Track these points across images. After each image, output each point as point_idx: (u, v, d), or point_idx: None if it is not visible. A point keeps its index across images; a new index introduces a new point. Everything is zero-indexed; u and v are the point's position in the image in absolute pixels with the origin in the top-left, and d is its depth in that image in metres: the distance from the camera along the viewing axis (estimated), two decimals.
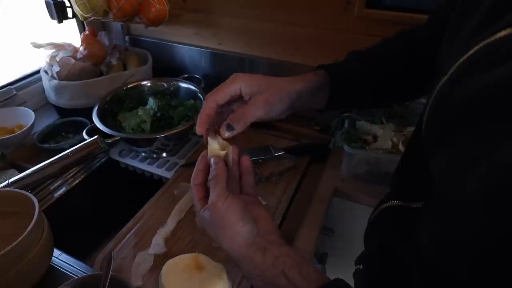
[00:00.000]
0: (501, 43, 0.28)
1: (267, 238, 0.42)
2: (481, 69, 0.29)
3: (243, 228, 0.41)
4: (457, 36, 0.36)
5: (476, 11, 0.34)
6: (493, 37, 0.29)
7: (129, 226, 0.71)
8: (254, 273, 0.41)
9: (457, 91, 0.31)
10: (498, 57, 0.28)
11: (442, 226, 0.31)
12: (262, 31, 1.03)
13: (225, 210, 0.41)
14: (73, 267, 0.64)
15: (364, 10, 0.87)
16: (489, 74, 0.27)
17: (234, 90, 0.47)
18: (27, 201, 0.59)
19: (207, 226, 0.45)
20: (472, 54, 0.31)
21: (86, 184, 0.90)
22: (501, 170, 0.24)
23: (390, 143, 0.80)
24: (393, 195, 0.49)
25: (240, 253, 0.42)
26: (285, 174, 0.85)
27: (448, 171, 0.30)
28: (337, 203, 0.86)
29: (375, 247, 0.53)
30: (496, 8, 0.31)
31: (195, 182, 0.46)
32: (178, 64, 1.21)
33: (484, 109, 0.27)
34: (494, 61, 0.28)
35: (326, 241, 0.95)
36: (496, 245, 0.25)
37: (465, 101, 0.29)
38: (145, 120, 0.90)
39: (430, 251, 0.33)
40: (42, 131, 0.96)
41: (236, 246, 0.42)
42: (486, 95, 0.27)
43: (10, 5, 1.25)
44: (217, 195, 0.42)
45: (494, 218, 0.24)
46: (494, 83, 0.27)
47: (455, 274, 0.29)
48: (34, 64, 1.10)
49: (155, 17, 0.96)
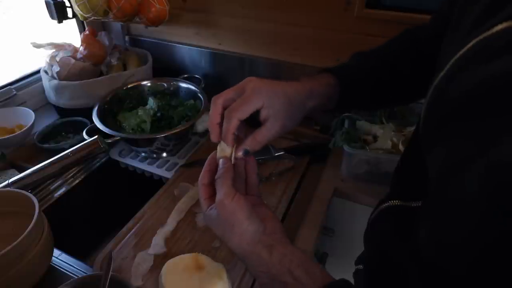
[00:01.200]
0: (497, 37, 0.28)
1: (273, 236, 0.43)
2: (477, 63, 0.29)
3: (250, 226, 0.42)
4: (457, 31, 0.36)
5: (476, 5, 0.33)
6: (490, 31, 0.28)
7: (129, 226, 0.71)
8: (260, 270, 0.42)
9: (453, 86, 0.31)
10: (494, 51, 0.27)
11: (440, 226, 0.31)
12: (262, 31, 1.03)
13: (233, 208, 0.42)
14: (73, 267, 0.64)
15: (364, 10, 0.87)
16: (485, 68, 0.27)
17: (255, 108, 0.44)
18: (27, 201, 0.58)
19: (213, 224, 0.45)
20: (468, 49, 0.30)
21: (86, 184, 0.90)
22: (499, 168, 0.23)
23: (390, 143, 0.80)
24: (393, 195, 0.49)
25: (247, 250, 0.42)
26: (285, 174, 0.85)
27: (444, 168, 0.30)
28: (337, 203, 0.86)
29: (375, 247, 0.53)
30: (495, 2, 0.30)
31: (203, 182, 0.46)
32: (178, 64, 1.21)
33: (480, 104, 0.27)
34: (490, 55, 0.27)
35: (326, 241, 0.95)
36: (495, 245, 0.25)
37: (461, 97, 0.29)
38: (145, 120, 0.90)
39: (428, 250, 0.33)
40: (42, 131, 0.96)
41: (243, 244, 0.42)
42: (482, 90, 0.27)
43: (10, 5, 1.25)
44: (224, 193, 0.42)
45: (492, 217, 0.24)
46: (490, 78, 0.26)
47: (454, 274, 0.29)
48: (34, 64, 1.10)
49: (155, 17, 0.96)
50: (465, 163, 0.26)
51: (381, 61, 0.57)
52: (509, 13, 0.28)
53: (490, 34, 0.28)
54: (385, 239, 0.49)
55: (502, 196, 0.23)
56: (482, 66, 0.28)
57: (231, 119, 0.44)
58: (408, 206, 0.44)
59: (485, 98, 0.27)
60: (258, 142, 0.45)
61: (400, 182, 0.50)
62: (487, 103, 0.26)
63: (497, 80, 0.26)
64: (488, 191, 0.24)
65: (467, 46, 0.30)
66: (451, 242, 0.29)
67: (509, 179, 0.23)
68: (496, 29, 0.28)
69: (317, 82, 0.51)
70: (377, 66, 0.56)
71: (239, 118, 0.44)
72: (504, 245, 0.24)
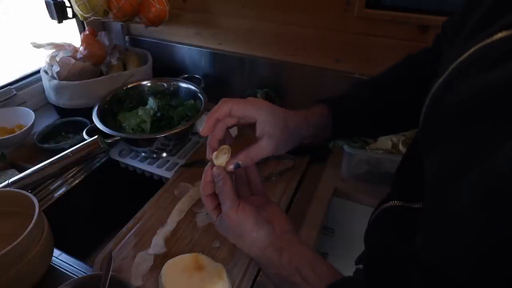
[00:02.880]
0: (496, 45, 0.27)
1: (283, 237, 0.44)
2: (475, 71, 0.29)
3: (258, 233, 0.43)
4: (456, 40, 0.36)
5: (475, 12, 0.33)
6: (489, 39, 0.28)
7: (129, 226, 0.71)
8: (272, 272, 0.43)
9: (450, 94, 0.31)
10: (492, 60, 0.27)
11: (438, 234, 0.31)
12: (262, 31, 1.03)
13: (239, 220, 0.43)
14: (73, 267, 0.64)
15: (364, 10, 0.87)
16: (484, 76, 0.27)
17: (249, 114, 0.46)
18: (27, 201, 0.58)
19: (226, 233, 0.47)
20: (467, 56, 0.30)
21: (86, 184, 0.90)
22: (494, 178, 0.23)
23: (390, 143, 0.80)
24: (394, 195, 0.49)
25: (259, 256, 0.44)
26: (285, 174, 0.85)
27: (439, 175, 0.30)
28: (337, 203, 0.86)
29: (375, 247, 0.53)
30: (494, 10, 0.30)
31: (206, 194, 0.47)
32: (178, 64, 1.21)
33: (477, 112, 0.27)
34: (489, 64, 0.27)
35: (326, 241, 0.95)
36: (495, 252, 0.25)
37: (459, 104, 0.29)
38: (145, 120, 0.90)
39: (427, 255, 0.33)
40: (42, 131, 0.96)
41: (254, 250, 0.44)
42: (480, 99, 0.27)
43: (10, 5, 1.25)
44: (228, 206, 0.44)
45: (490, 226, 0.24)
46: (488, 86, 0.26)
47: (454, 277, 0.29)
48: (34, 64, 1.10)
49: (155, 17, 0.96)
50: (461, 171, 0.26)
51: (378, 90, 0.57)
52: (508, 21, 0.28)
53: (489, 42, 0.28)
54: (385, 240, 0.49)
55: (498, 205, 0.23)
56: (480, 74, 0.27)
57: None
58: (409, 207, 0.44)
59: (482, 106, 0.27)
60: (250, 158, 0.46)
61: (401, 183, 0.50)
62: (484, 112, 0.26)
63: (494, 89, 0.26)
64: (483, 200, 0.24)
65: (466, 54, 0.30)
66: (451, 251, 0.29)
67: (503, 189, 0.23)
68: (496, 37, 0.27)
69: (311, 112, 0.53)
70: (372, 95, 0.57)
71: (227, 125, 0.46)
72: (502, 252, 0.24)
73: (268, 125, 0.46)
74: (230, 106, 0.45)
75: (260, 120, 0.45)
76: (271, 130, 0.46)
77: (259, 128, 0.46)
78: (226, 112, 0.46)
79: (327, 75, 0.99)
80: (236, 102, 0.46)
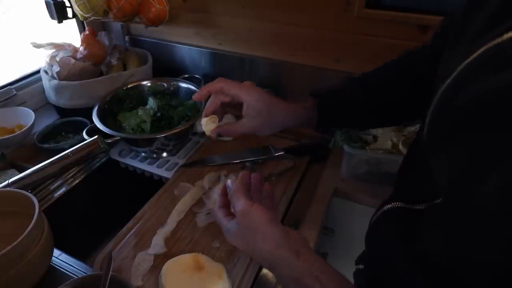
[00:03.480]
0: (507, 44, 0.27)
1: (299, 243, 0.44)
2: (486, 72, 0.28)
3: (273, 228, 0.44)
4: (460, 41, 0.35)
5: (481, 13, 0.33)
6: (500, 38, 0.27)
7: (129, 226, 0.71)
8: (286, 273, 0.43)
9: (461, 96, 0.30)
10: (504, 60, 0.26)
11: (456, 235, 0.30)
12: (262, 31, 1.03)
13: (254, 214, 0.45)
14: (73, 267, 0.64)
15: (364, 10, 0.87)
16: (495, 78, 0.26)
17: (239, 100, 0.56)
18: (27, 201, 0.58)
19: (235, 237, 0.47)
20: (476, 57, 0.29)
21: (86, 184, 0.90)
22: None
23: (390, 143, 0.80)
24: (395, 197, 0.49)
25: (272, 254, 0.43)
26: (285, 174, 0.84)
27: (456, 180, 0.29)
28: (337, 203, 0.86)
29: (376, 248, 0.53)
30: (503, 9, 0.30)
31: (219, 206, 0.53)
32: (178, 64, 1.21)
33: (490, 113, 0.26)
34: (500, 64, 0.26)
35: (326, 241, 0.95)
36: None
37: (469, 107, 0.28)
38: (145, 120, 0.90)
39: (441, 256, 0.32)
40: (42, 131, 0.96)
41: (267, 247, 0.44)
42: (490, 100, 0.26)
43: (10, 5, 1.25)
44: (242, 203, 0.46)
45: None
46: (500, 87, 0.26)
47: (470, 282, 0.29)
48: (34, 64, 1.10)
49: (155, 17, 0.96)
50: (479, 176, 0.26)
51: (369, 89, 0.59)
52: None
53: (499, 42, 0.27)
54: (387, 241, 0.48)
55: None
56: (490, 74, 0.27)
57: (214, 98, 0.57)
58: (412, 209, 0.44)
59: (493, 106, 0.26)
60: (230, 131, 0.57)
61: (403, 184, 0.49)
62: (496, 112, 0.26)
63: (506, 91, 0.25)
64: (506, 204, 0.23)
65: (475, 54, 0.30)
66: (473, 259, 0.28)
67: None
68: (506, 36, 0.27)
69: (300, 105, 0.60)
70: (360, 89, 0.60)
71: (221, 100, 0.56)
72: None
73: (252, 108, 0.54)
74: (223, 84, 0.55)
75: (246, 103, 0.55)
76: (253, 113, 0.55)
77: (244, 109, 0.55)
78: (218, 88, 0.56)
79: (327, 75, 0.99)
80: (228, 82, 0.55)
